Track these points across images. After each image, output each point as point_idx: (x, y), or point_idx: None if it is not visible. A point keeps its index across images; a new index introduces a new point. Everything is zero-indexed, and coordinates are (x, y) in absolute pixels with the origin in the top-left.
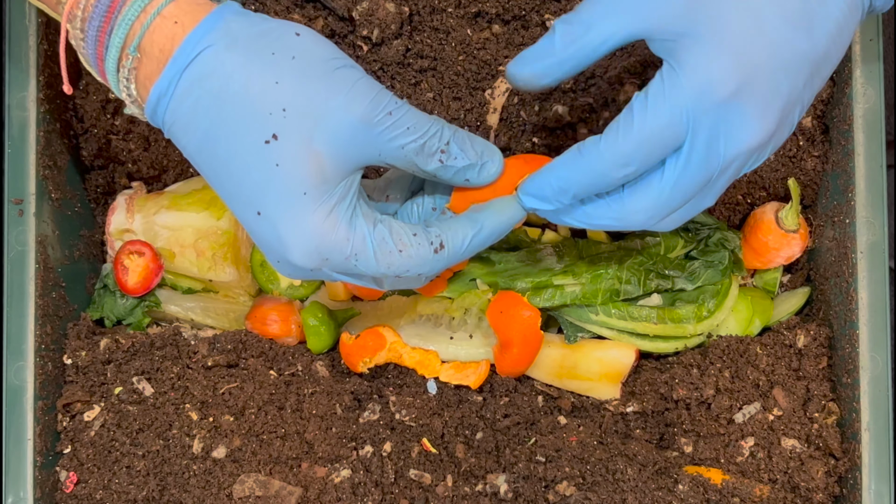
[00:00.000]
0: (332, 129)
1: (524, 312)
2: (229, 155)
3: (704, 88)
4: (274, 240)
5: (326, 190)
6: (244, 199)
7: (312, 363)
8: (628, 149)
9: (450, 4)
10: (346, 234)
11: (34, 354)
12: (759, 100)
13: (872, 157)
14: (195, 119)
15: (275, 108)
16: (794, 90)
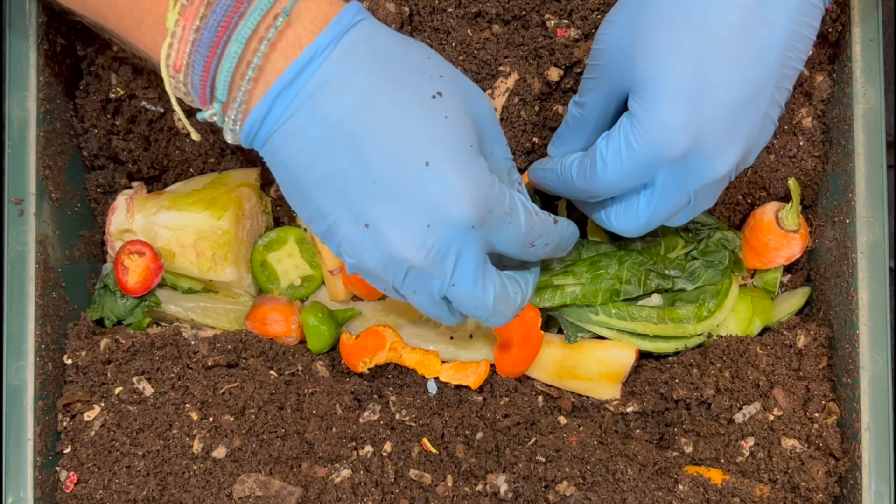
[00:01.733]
0: (476, 105)
1: (524, 312)
2: (394, 110)
3: (658, 150)
4: (441, 191)
5: (480, 148)
6: (409, 152)
7: (312, 363)
8: (596, 189)
9: (450, 4)
10: (503, 189)
11: (34, 354)
12: (718, 142)
13: (872, 157)
14: (355, 77)
15: (434, 73)
16: (755, 114)
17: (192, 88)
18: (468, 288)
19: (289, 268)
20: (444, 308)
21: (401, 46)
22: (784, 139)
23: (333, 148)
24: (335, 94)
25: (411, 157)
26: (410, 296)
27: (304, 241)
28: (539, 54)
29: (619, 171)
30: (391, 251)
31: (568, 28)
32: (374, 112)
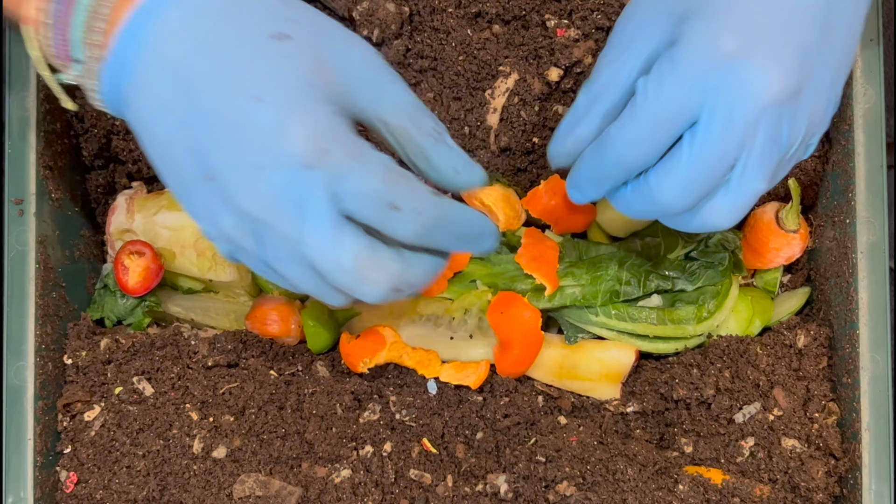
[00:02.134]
0: (340, 52)
1: (524, 313)
2: (231, 49)
3: (705, 52)
4: (271, 125)
5: (334, 99)
6: (240, 89)
7: (312, 363)
8: (636, 130)
9: (450, 4)
10: (352, 137)
11: (34, 354)
12: (768, 48)
13: (872, 157)
14: (199, 19)
15: (286, 17)
16: (805, 37)
17: (55, 46)
18: (320, 243)
19: None
20: (319, 281)
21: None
22: None
23: (175, 96)
24: (176, 38)
25: (242, 93)
26: (281, 269)
27: None
28: (539, 54)
29: (661, 91)
30: (234, 203)
31: (568, 28)
32: (209, 52)
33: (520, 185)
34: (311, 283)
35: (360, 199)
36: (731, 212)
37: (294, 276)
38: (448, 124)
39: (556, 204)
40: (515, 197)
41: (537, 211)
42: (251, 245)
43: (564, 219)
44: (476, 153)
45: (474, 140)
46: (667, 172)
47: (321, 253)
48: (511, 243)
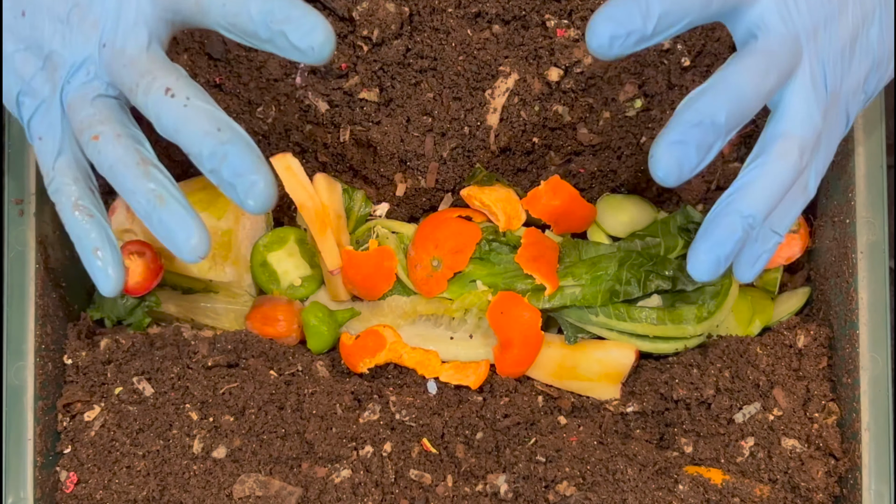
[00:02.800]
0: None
1: (524, 313)
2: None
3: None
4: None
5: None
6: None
7: (312, 363)
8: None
9: (450, 4)
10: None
11: (34, 354)
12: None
13: (872, 157)
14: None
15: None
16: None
17: None
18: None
19: (289, 268)
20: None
21: None
22: None
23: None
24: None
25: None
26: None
27: (304, 241)
28: (539, 54)
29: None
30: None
31: (568, 28)
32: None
33: (520, 185)
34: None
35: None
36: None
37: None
38: (448, 124)
39: (556, 204)
40: (515, 197)
41: (537, 211)
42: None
43: (564, 219)
44: (476, 153)
45: (474, 140)
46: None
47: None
48: (511, 243)
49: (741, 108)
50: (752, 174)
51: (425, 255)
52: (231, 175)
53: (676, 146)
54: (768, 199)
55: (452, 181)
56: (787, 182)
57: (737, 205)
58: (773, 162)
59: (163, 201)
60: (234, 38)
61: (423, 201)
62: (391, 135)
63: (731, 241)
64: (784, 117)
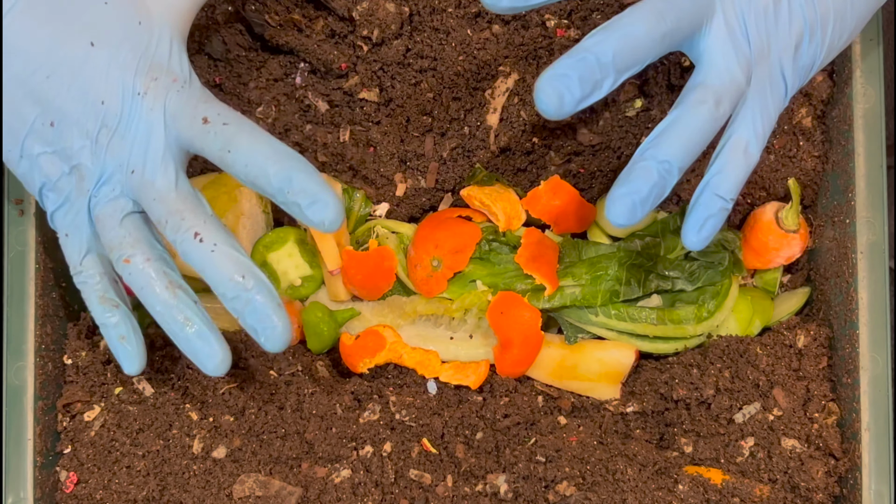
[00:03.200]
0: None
1: (524, 313)
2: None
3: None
4: (110, 61)
5: (160, 29)
6: (68, 38)
7: (312, 363)
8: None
9: (450, 4)
10: (185, 65)
11: (34, 354)
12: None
13: (872, 157)
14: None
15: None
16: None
17: None
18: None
19: (289, 268)
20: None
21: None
22: (784, 139)
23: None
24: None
25: (80, 36)
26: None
27: (304, 241)
28: (539, 54)
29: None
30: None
31: (568, 28)
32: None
33: (520, 185)
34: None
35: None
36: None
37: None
38: (448, 124)
39: (556, 204)
40: (515, 197)
41: (537, 211)
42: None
43: (564, 219)
44: (476, 153)
45: (474, 140)
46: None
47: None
48: (511, 243)
49: (631, 48)
50: (668, 122)
51: (425, 255)
52: (254, 321)
53: (559, 78)
54: (683, 145)
55: (452, 181)
56: (703, 130)
57: (652, 150)
58: (688, 110)
59: (190, 325)
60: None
61: (423, 201)
62: (391, 135)
63: (647, 185)
64: (701, 69)
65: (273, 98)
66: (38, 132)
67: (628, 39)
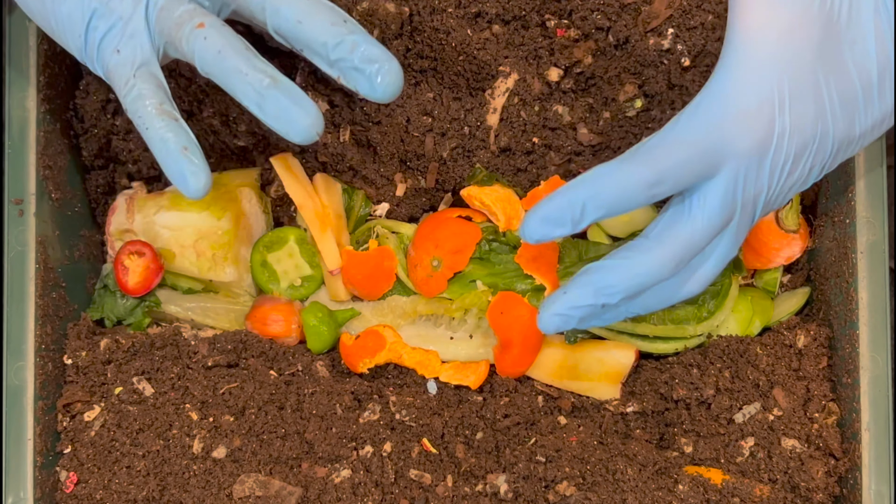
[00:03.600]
0: None
1: (524, 313)
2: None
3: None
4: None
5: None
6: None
7: (312, 363)
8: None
9: (450, 4)
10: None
11: (34, 354)
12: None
13: (872, 157)
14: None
15: None
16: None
17: None
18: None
19: (289, 268)
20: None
21: None
22: None
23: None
24: None
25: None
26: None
27: (304, 241)
28: (539, 54)
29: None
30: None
31: (568, 28)
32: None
33: (520, 185)
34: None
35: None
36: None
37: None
38: (448, 124)
39: None
40: (515, 197)
41: None
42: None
43: None
44: (476, 153)
45: (474, 140)
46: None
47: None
48: (511, 243)
49: (639, 291)
50: (640, 247)
51: (425, 255)
52: (364, 59)
53: (559, 318)
54: (634, 283)
55: (452, 181)
56: (661, 276)
57: (600, 275)
58: (658, 256)
59: (276, 81)
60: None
61: (423, 201)
62: (391, 135)
63: (580, 312)
64: (688, 217)
65: None
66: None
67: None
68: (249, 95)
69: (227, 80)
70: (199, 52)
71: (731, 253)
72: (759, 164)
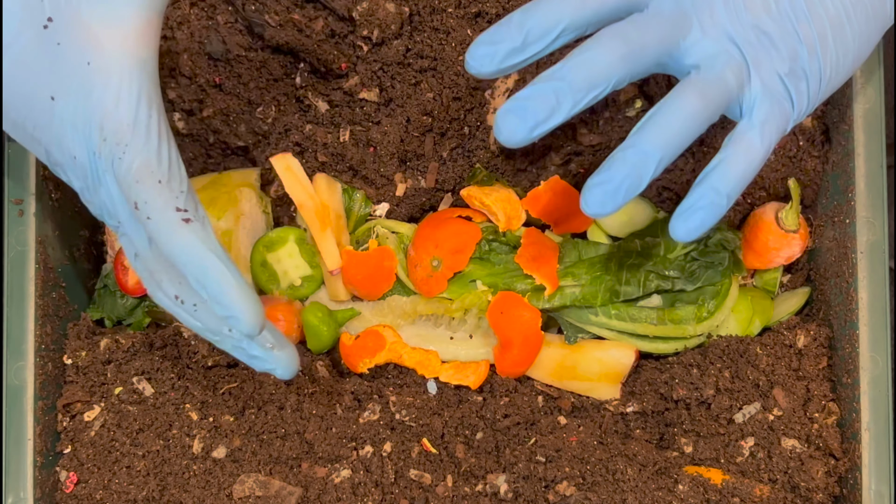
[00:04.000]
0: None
1: (524, 313)
2: (10, 43)
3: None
4: (70, 115)
5: (109, 66)
6: (35, 90)
7: (312, 363)
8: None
9: (450, 4)
10: (131, 115)
11: (34, 354)
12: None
13: (872, 157)
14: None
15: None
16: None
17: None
18: (153, 150)
19: (289, 268)
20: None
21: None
22: (784, 139)
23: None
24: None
25: (40, 91)
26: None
27: (304, 241)
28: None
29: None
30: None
31: None
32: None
33: (520, 185)
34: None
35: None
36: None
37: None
38: (448, 124)
39: (556, 204)
40: (515, 197)
41: (537, 211)
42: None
43: (564, 219)
44: (476, 153)
45: (474, 140)
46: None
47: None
48: (511, 243)
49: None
50: (650, 113)
51: (425, 255)
52: (259, 365)
53: (515, 110)
54: (662, 136)
55: (452, 181)
56: (685, 121)
57: (630, 139)
58: (670, 101)
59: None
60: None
61: (423, 201)
62: (391, 135)
63: (620, 174)
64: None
65: (273, 98)
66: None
67: (587, 63)
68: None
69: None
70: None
71: (763, 127)
72: (753, 27)
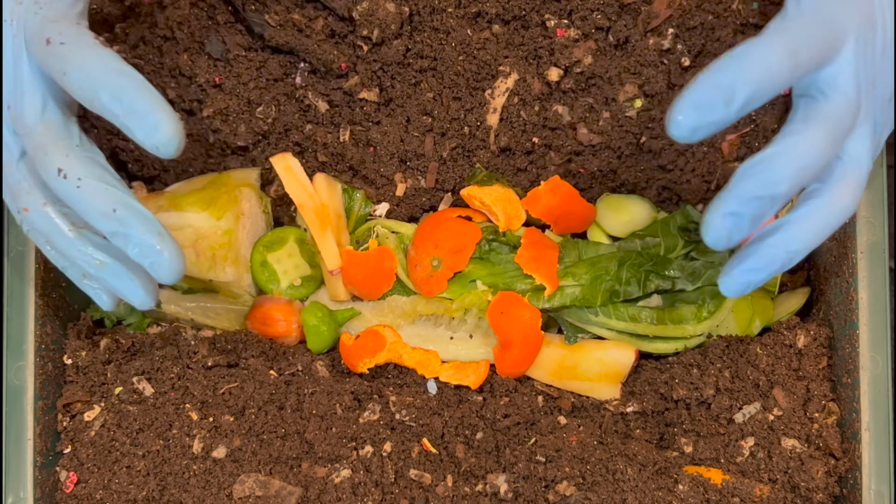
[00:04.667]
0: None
1: (524, 313)
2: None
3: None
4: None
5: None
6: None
7: (312, 363)
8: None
9: (450, 4)
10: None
11: (34, 354)
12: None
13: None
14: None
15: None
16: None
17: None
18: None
19: (289, 268)
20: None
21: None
22: None
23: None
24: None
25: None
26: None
27: (304, 241)
28: (539, 54)
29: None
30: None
31: (568, 28)
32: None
33: (520, 185)
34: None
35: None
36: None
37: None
38: (448, 124)
39: (556, 204)
40: (515, 197)
41: (537, 211)
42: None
43: (564, 219)
44: (476, 153)
45: (474, 140)
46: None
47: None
48: (511, 243)
49: (804, 179)
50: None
51: (425, 255)
52: (138, 255)
53: (731, 218)
54: (817, 233)
55: (452, 181)
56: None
57: (783, 236)
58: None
59: (102, 265)
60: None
61: (423, 201)
62: (391, 135)
63: (769, 270)
64: (824, 98)
65: (273, 98)
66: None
67: (803, 172)
68: (76, 273)
69: (58, 260)
70: (27, 231)
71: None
72: (873, 39)
